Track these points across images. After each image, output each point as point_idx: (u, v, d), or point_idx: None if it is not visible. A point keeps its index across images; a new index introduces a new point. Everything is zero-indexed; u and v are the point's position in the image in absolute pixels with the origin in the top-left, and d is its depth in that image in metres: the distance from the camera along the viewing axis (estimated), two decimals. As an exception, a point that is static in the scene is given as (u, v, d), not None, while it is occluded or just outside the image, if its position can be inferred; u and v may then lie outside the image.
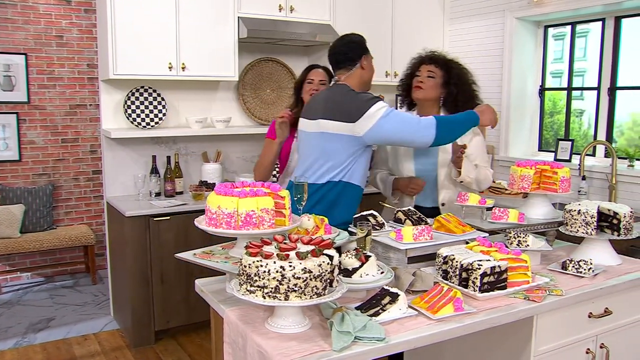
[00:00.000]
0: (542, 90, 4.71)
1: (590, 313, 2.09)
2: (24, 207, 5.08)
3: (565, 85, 4.56)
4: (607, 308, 2.13)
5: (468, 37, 4.96)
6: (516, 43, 4.57)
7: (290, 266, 1.51)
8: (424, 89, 2.85)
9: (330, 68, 2.83)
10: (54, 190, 5.35)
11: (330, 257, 1.61)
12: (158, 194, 4.18)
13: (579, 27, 4.42)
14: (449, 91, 2.84)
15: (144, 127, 4.14)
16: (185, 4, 3.98)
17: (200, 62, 4.08)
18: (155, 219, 3.78)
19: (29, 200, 5.14)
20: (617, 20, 4.07)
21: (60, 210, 5.46)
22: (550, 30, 4.63)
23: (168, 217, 3.82)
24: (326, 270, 1.57)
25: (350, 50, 2.70)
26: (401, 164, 2.93)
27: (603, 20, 4.15)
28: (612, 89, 4.13)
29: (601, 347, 2.15)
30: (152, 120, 4.16)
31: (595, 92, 4.24)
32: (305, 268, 1.52)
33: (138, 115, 4.12)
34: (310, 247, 1.62)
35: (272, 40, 4.42)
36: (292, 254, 1.57)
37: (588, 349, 2.12)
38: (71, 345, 3.92)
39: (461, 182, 2.83)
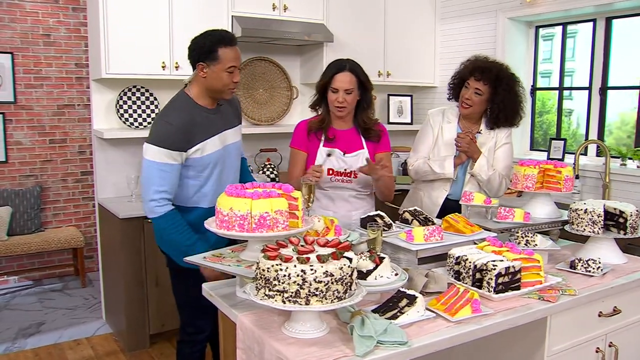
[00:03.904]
0: (534, 90, 4.73)
1: (600, 312, 2.10)
2: (11, 209, 4.97)
3: (555, 85, 4.59)
4: (616, 307, 2.14)
5: (460, 37, 4.97)
6: (508, 43, 4.58)
7: (312, 270, 1.48)
8: (471, 106, 2.95)
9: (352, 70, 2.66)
10: (42, 192, 5.24)
11: (350, 260, 1.59)
12: (151, 196, 4.10)
13: (568, 28, 4.45)
14: (493, 108, 2.94)
15: (137, 127, 4.07)
16: (179, 2, 3.92)
17: (194, 61, 4.01)
18: (149, 220, 3.70)
19: (16, 202, 5.02)
20: (608, 21, 4.11)
21: (48, 213, 5.35)
22: (540, 31, 4.66)
23: (163, 219, 3.75)
24: (347, 274, 1.54)
25: (190, 52, 2.41)
26: (441, 155, 3.03)
27: (594, 20, 4.19)
28: (604, 89, 4.17)
29: (610, 346, 2.16)
30: (144, 120, 4.09)
31: (587, 91, 4.27)
32: (327, 271, 1.48)
33: (130, 115, 4.06)
34: (330, 250, 1.59)
35: (265, 39, 4.37)
36: (313, 257, 1.53)
37: (598, 347, 2.12)
38: (63, 350, 3.84)
39: (472, 175, 2.94)
